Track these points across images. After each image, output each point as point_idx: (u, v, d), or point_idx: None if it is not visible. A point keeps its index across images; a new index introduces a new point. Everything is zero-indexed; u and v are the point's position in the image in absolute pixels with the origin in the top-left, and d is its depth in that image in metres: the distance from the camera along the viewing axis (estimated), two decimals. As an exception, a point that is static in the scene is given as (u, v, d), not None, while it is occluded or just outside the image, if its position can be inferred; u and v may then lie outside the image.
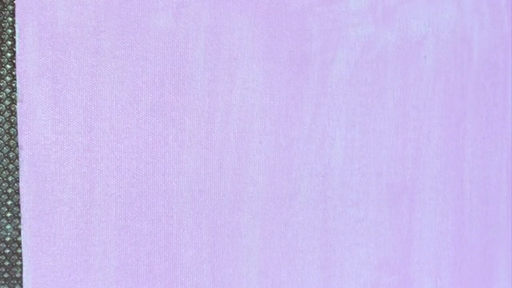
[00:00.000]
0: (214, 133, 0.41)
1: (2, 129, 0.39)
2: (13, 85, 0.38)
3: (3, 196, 0.39)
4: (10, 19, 0.38)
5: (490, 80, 0.46)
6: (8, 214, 0.39)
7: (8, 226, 0.39)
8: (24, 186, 0.39)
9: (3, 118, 0.39)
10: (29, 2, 0.38)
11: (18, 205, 0.39)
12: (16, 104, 0.39)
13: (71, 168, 0.39)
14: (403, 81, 0.44)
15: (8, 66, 0.38)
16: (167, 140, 0.41)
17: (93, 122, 0.39)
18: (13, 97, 0.39)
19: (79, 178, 0.39)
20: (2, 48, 0.38)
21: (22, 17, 0.38)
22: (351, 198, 0.44)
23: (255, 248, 0.42)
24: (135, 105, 0.40)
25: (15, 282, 0.39)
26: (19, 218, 0.39)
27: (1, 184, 0.39)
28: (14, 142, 0.39)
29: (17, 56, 0.38)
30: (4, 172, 0.39)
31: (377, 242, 0.45)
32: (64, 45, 0.39)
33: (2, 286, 0.39)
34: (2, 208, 0.39)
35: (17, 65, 0.38)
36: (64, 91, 0.39)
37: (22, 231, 0.39)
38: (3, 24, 0.38)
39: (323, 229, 0.44)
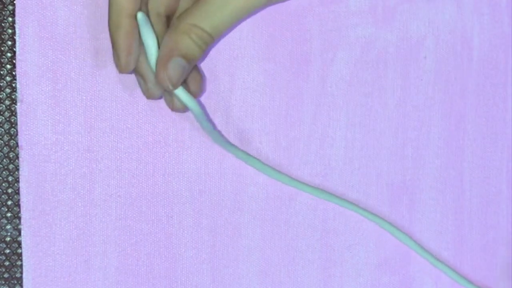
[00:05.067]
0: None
1: (2, 129, 0.39)
2: (13, 85, 0.38)
3: (3, 196, 0.39)
4: (10, 19, 0.38)
5: (490, 80, 0.46)
6: (8, 214, 0.39)
7: (8, 226, 0.39)
8: (24, 186, 0.39)
9: (3, 118, 0.39)
10: (29, 2, 0.38)
11: (18, 205, 0.39)
12: (16, 104, 0.39)
13: (71, 168, 0.39)
14: (403, 81, 0.44)
15: (8, 66, 0.38)
16: (167, 140, 0.41)
17: (93, 122, 0.39)
18: (13, 97, 0.39)
19: (79, 178, 0.39)
20: (2, 48, 0.38)
21: (22, 17, 0.38)
22: (351, 198, 0.44)
23: (255, 248, 0.42)
24: (135, 105, 0.40)
25: (15, 282, 0.39)
26: (19, 218, 0.39)
27: (1, 184, 0.39)
28: (14, 142, 0.39)
29: (17, 56, 0.38)
30: (4, 172, 0.39)
31: (377, 242, 0.45)
32: (64, 45, 0.39)
33: (2, 286, 0.39)
34: (2, 208, 0.39)
35: (17, 65, 0.38)
36: (64, 91, 0.39)
37: (22, 231, 0.39)
38: (3, 24, 0.38)
39: (323, 229, 0.44)
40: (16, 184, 0.39)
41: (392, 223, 0.45)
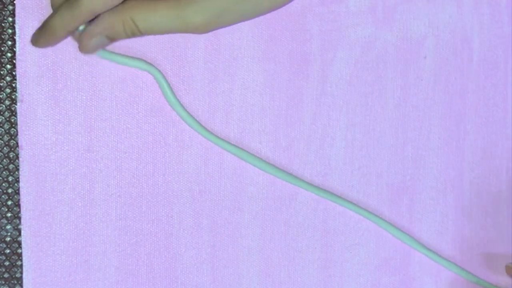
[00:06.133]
0: (214, 133, 0.41)
1: (2, 129, 0.39)
2: (13, 85, 0.38)
3: (3, 196, 0.39)
4: (10, 19, 0.38)
5: (490, 80, 0.46)
6: (9, 214, 0.39)
7: (8, 226, 0.39)
8: (24, 186, 0.39)
9: (3, 118, 0.39)
10: (29, 2, 0.38)
11: (18, 205, 0.39)
12: (16, 104, 0.39)
13: (71, 168, 0.39)
14: (403, 81, 0.44)
15: (8, 66, 0.38)
16: (167, 140, 0.41)
17: (93, 122, 0.39)
18: (13, 97, 0.39)
19: (79, 178, 0.39)
20: (2, 48, 0.38)
21: (22, 17, 0.38)
22: (351, 198, 0.44)
23: (255, 248, 0.42)
24: (135, 105, 0.40)
25: (15, 282, 0.39)
26: (19, 218, 0.39)
27: (2, 184, 0.39)
28: (14, 142, 0.39)
29: (17, 56, 0.38)
30: (4, 172, 0.39)
31: (377, 242, 0.45)
32: (64, 45, 0.39)
33: (2, 286, 0.39)
34: (3, 208, 0.39)
35: (17, 65, 0.38)
36: (64, 91, 0.39)
37: (22, 231, 0.39)
38: (3, 24, 0.38)
39: (323, 229, 0.44)
40: (16, 184, 0.39)
41: (392, 223, 0.45)
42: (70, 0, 0.34)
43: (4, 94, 0.38)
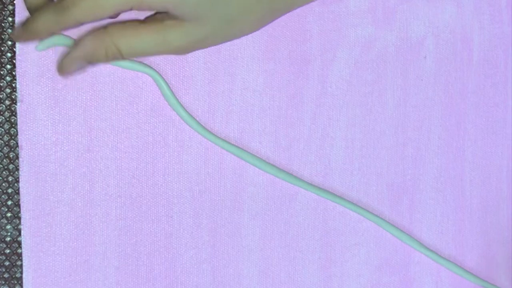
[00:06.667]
0: (214, 133, 0.41)
1: (2, 129, 0.39)
2: (13, 85, 0.39)
3: (3, 196, 0.39)
4: (10, 19, 0.38)
5: (490, 80, 0.46)
6: (8, 214, 0.39)
7: (8, 226, 0.39)
8: (24, 186, 0.39)
9: (3, 118, 0.39)
10: (29, 2, 0.38)
11: (18, 205, 0.39)
12: (16, 104, 0.39)
13: (71, 168, 0.39)
14: (403, 81, 0.44)
15: (8, 66, 0.38)
16: (167, 140, 0.41)
17: (93, 122, 0.39)
18: (13, 97, 0.39)
19: (79, 178, 0.39)
20: (2, 48, 0.38)
21: (22, 17, 0.38)
22: (351, 198, 0.44)
23: (255, 248, 0.42)
24: (135, 105, 0.40)
25: (15, 282, 0.39)
26: (19, 218, 0.39)
27: (1, 184, 0.39)
28: (14, 142, 0.39)
29: (17, 56, 0.38)
30: (4, 172, 0.39)
31: (377, 242, 0.45)
32: (64, 45, 0.39)
33: (2, 286, 0.39)
34: (2, 208, 0.39)
35: (17, 65, 0.38)
36: (64, 91, 0.39)
37: (22, 231, 0.39)
38: (3, 24, 0.38)
39: (323, 229, 0.44)
40: (16, 184, 0.39)
41: (392, 223, 0.45)
42: (56, 5, 0.34)
43: (4, 94, 0.38)
